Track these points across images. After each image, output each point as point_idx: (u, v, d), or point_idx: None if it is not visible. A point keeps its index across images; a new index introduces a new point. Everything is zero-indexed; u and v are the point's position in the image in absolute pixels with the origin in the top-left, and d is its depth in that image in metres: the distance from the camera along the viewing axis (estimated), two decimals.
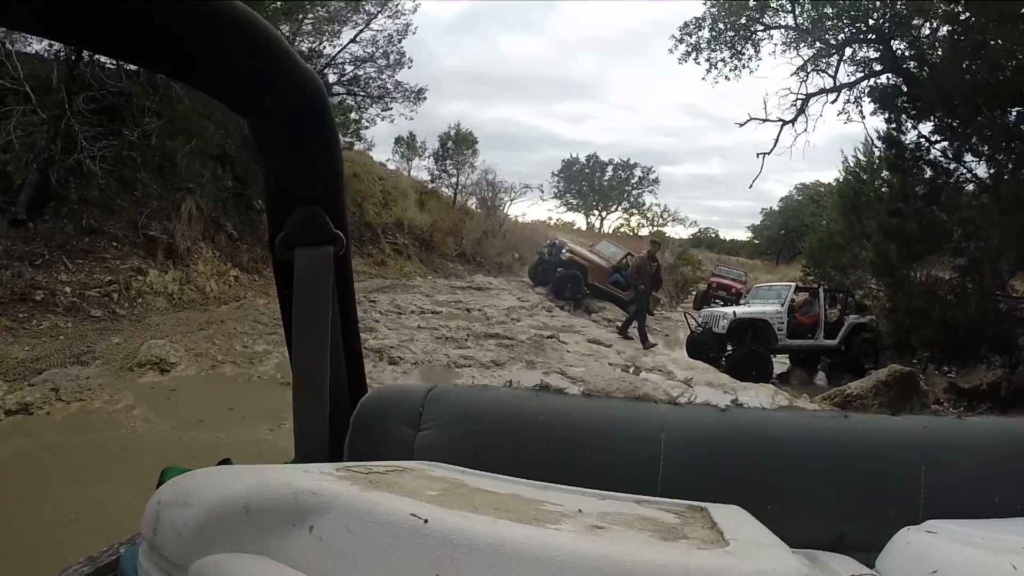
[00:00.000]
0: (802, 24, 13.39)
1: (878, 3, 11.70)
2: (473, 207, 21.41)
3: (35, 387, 6.01)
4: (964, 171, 9.09)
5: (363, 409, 0.91)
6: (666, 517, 0.57)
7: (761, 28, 14.17)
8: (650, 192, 53.76)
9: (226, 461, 0.64)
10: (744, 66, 14.82)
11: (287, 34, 14.75)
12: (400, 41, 16.56)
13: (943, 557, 0.59)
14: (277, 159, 0.84)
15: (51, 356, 6.80)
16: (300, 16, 14.59)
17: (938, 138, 9.38)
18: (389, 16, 16.39)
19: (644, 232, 45.30)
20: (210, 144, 10.90)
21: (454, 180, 21.89)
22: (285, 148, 0.82)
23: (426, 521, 0.42)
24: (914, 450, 0.85)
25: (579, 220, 51.71)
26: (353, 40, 16.05)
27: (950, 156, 9.18)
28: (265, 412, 6.35)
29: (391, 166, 21.41)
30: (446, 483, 0.60)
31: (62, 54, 9.10)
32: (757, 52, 14.63)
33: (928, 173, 9.48)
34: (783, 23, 13.75)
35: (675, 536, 0.50)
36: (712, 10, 14.58)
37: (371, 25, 16.21)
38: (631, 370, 10.22)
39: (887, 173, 10.64)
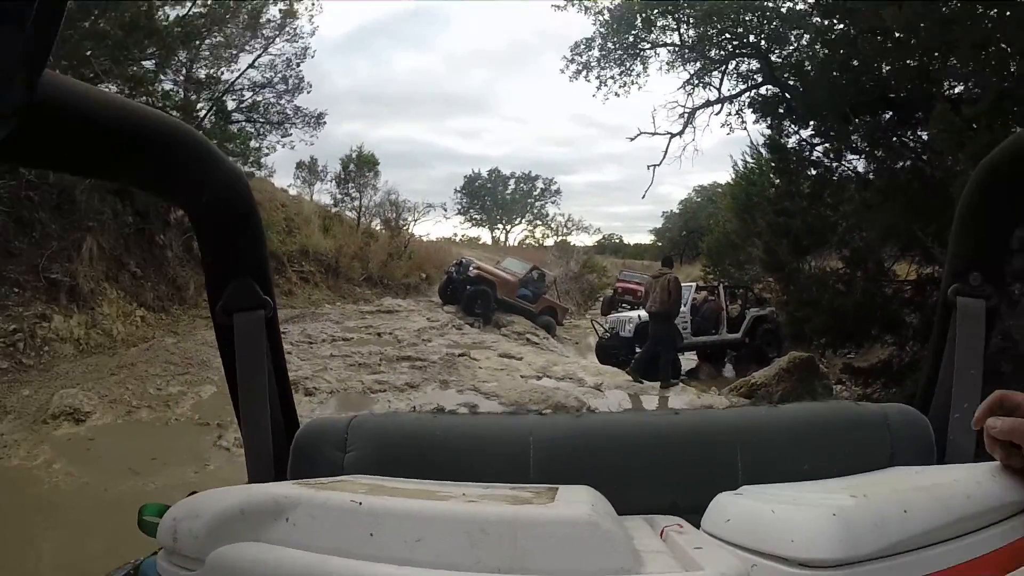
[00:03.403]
0: (687, 41, 13.95)
1: (756, 21, 12.37)
2: (378, 228, 21.29)
3: None
4: (845, 168, 9.66)
5: (299, 439, 1.10)
6: (524, 495, 0.77)
7: (648, 46, 14.69)
8: (552, 203, 54.23)
9: (194, 494, 0.77)
10: (633, 82, 15.27)
11: (184, 60, 14.42)
12: (299, 65, 16.31)
13: (735, 509, 0.80)
14: (213, 241, 0.99)
15: None
16: (197, 42, 14.31)
17: (818, 140, 9.92)
18: (287, 40, 16.14)
19: (549, 242, 45.78)
20: None
21: (357, 203, 21.64)
22: (219, 232, 0.98)
23: (360, 504, 0.63)
24: (731, 433, 1.09)
25: (484, 235, 51.54)
26: (251, 65, 15.68)
27: (831, 156, 9.72)
28: (187, 455, 6.35)
29: (293, 191, 20.93)
30: (372, 485, 0.80)
31: None
32: (645, 68, 15.11)
33: (811, 172, 9.99)
34: (669, 41, 14.29)
35: (524, 502, 0.70)
36: (601, 30, 15.02)
37: (269, 49, 15.95)
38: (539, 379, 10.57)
39: (773, 175, 11.14)
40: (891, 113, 8.98)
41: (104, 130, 0.77)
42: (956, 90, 7.87)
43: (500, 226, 52.70)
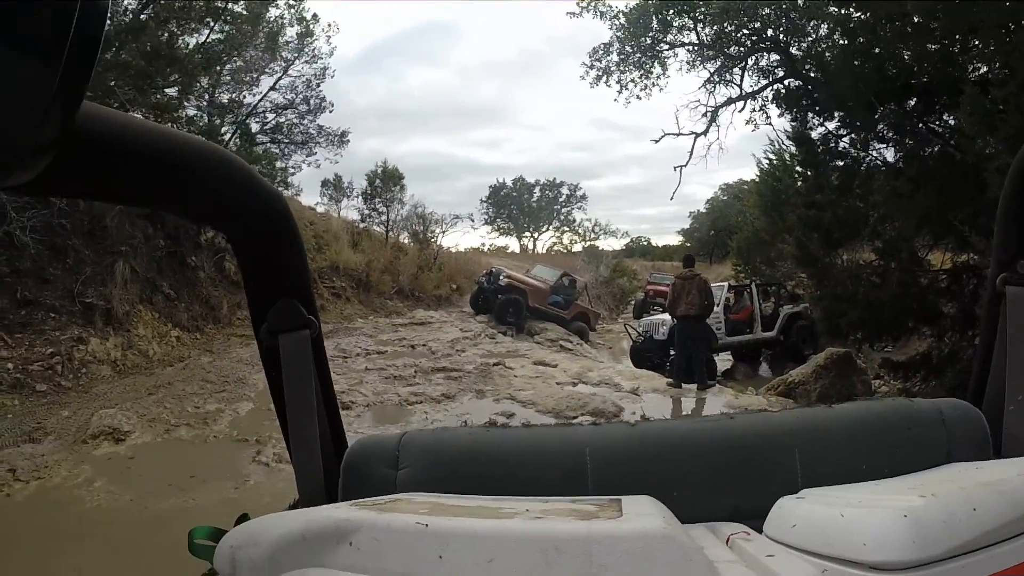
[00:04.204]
0: (705, 40, 13.90)
1: (773, 15, 12.28)
2: (406, 242, 21.44)
3: None
4: (873, 158, 9.54)
5: (350, 457, 1.09)
6: (588, 507, 0.77)
7: (666, 47, 14.68)
8: (579, 208, 54.53)
9: (244, 516, 0.78)
10: (654, 84, 15.34)
11: (206, 86, 14.69)
12: (319, 85, 16.63)
13: (800, 512, 0.80)
14: (256, 264, 0.99)
15: (1, 436, 6.64)
16: (218, 68, 14.54)
17: (844, 131, 9.83)
18: (306, 61, 16.47)
19: (577, 248, 45.85)
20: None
21: (384, 218, 21.87)
22: (261, 255, 0.97)
23: (427, 525, 0.62)
24: (789, 436, 1.08)
25: (512, 243, 52.06)
26: (272, 88, 16.03)
27: (858, 146, 9.62)
28: (227, 472, 6.39)
29: (320, 209, 21.30)
30: (432, 504, 0.79)
31: None
32: (665, 70, 15.17)
33: (839, 164, 9.89)
34: (687, 41, 14.31)
35: (591, 517, 0.69)
36: (618, 34, 15.07)
37: (289, 71, 16.26)
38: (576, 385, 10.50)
39: (800, 169, 11.02)
40: (916, 99, 8.87)
41: (142, 158, 0.76)
42: (982, 70, 7.71)
43: (528, 234, 53.13)
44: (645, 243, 57.75)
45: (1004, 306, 1.04)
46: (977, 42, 7.37)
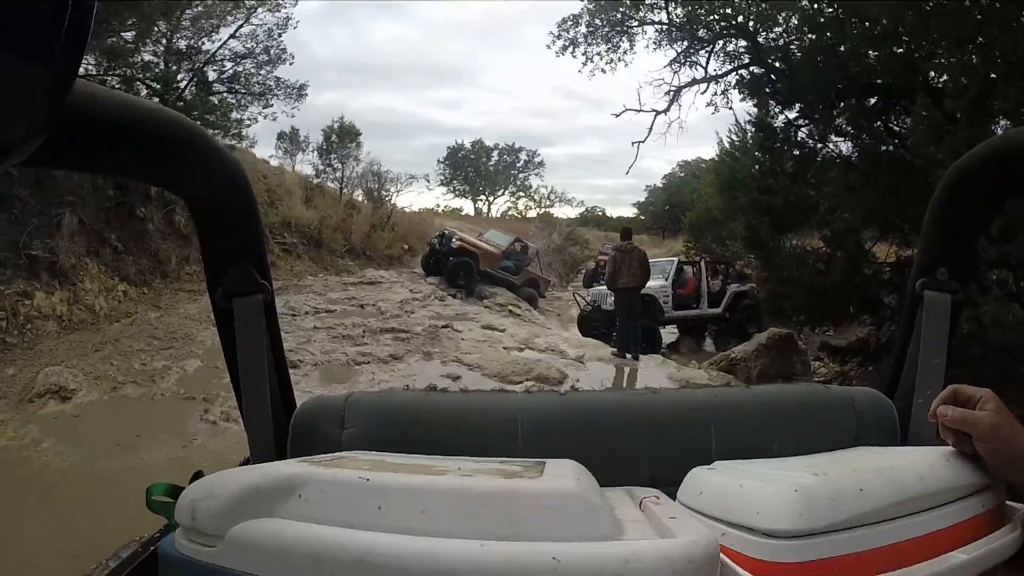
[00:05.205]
0: (675, 20, 13.85)
1: (744, 3, 12.32)
2: (360, 199, 21.18)
3: None
4: (829, 150, 9.69)
5: (299, 417, 1.16)
6: (514, 468, 0.84)
7: (636, 24, 14.61)
8: (536, 175, 54.25)
9: (199, 473, 0.82)
10: (620, 59, 15.20)
11: (165, 31, 14.11)
12: (280, 36, 16.13)
13: (707, 483, 0.87)
14: (212, 229, 1.04)
15: None
16: (178, 13, 14.03)
17: (803, 122, 9.98)
18: (269, 10, 15.90)
19: (532, 214, 45.71)
20: None
21: (339, 174, 21.54)
22: (218, 220, 1.03)
23: (368, 480, 0.69)
24: (707, 412, 1.17)
25: (467, 206, 51.56)
26: (233, 36, 15.42)
27: (816, 137, 9.78)
28: (174, 430, 6.38)
29: (274, 163, 20.78)
30: (373, 461, 0.86)
31: None
32: (632, 46, 15.03)
33: (796, 152, 10.02)
34: (656, 19, 14.23)
35: (515, 476, 0.77)
36: (589, 6, 14.92)
37: (251, 20, 15.68)
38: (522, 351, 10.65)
39: (759, 153, 11.11)
40: (876, 99, 9.01)
41: (121, 131, 0.80)
42: (943, 79, 7.85)
43: (483, 197, 52.72)
44: (600, 213, 57.76)
45: (921, 308, 1.13)
46: (940, 51, 7.52)
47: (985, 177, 1.04)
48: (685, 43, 14.02)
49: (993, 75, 6.66)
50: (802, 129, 10.08)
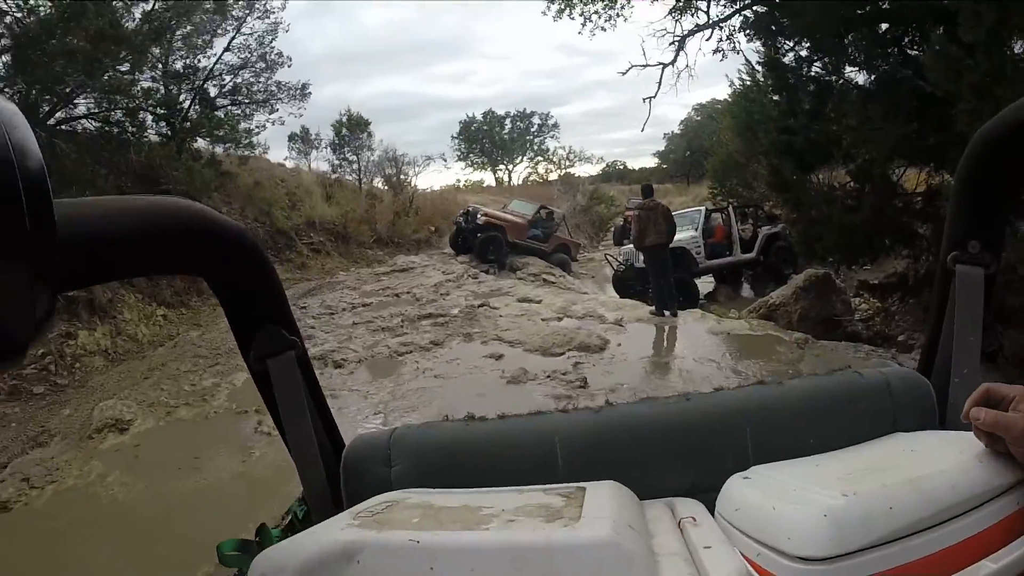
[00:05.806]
0: None
1: None
2: (380, 186, 21.23)
3: (4, 482, 5.86)
4: (845, 82, 9.39)
5: (348, 459, 1.20)
6: (556, 501, 0.87)
7: None
8: (552, 137, 53.93)
9: (263, 527, 0.89)
10: (618, 14, 15.08)
11: (159, 55, 14.24)
12: (272, 41, 16.22)
13: (744, 497, 0.90)
14: (234, 299, 1.05)
15: (8, 447, 6.62)
16: (168, 36, 14.12)
17: (816, 56, 9.66)
18: (258, 17, 15.99)
19: (553, 177, 45.45)
20: (103, 191, 10.47)
21: (356, 166, 21.70)
22: (238, 290, 1.04)
23: (418, 542, 0.73)
24: (740, 414, 1.18)
25: (487, 177, 51.57)
26: (227, 48, 15.55)
27: (830, 70, 9.48)
28: (232, 446, 6.48)
29: (289, 164, 21.08)
30: (420, 508, 0.89)
31: None
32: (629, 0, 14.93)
33: (811, 88, 9.74)
34: None
35: (555, 518, 0.80)
36: None
37: (242, 29, 15.78)
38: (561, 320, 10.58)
39: (773, 92, 10.84)
40: (888, 26, 8.74)
41: (114, 238, 0.79)
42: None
43: (502, 167, 52.56)
44: (621, 167, 57.51)
45: (954, 283, 1.11)
46: None
47: (1013, 144, 1.00)
48: None
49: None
50: (816, 64, 9.76)
